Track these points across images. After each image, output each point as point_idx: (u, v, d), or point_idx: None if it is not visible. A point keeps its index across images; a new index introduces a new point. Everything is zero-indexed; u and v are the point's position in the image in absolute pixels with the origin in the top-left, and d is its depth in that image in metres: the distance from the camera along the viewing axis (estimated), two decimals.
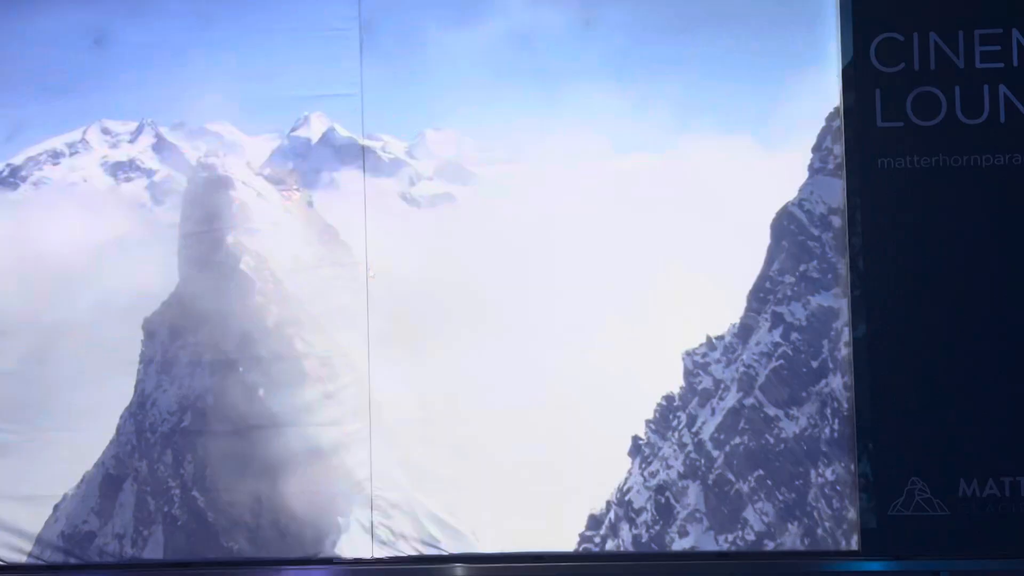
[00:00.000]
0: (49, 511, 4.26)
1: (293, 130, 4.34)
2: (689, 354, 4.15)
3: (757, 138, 4.09)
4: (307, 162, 4.33)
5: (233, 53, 4.28)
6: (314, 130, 4.34)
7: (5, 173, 4.40)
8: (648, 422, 4.15)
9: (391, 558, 4.12)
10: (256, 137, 4.35)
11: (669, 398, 4.16)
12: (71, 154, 4.42)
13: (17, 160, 4.41)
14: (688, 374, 4.16)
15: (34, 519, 4.24)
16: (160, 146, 4.41)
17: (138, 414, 4.35)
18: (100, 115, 4.38)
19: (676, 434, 4.14)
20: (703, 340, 4.16)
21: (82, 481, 4.32)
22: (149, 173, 4.41)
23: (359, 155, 4.29)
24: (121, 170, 4.42)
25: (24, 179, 4.41)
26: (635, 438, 4.14)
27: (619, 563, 4.05)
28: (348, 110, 4.25)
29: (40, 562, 4.21)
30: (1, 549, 4.22)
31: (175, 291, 4.39)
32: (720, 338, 4.15)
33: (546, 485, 4.09)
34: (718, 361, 4.15)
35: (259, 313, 4.33)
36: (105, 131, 4.42)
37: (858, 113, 4.01)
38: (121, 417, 4.34)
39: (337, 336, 4.27)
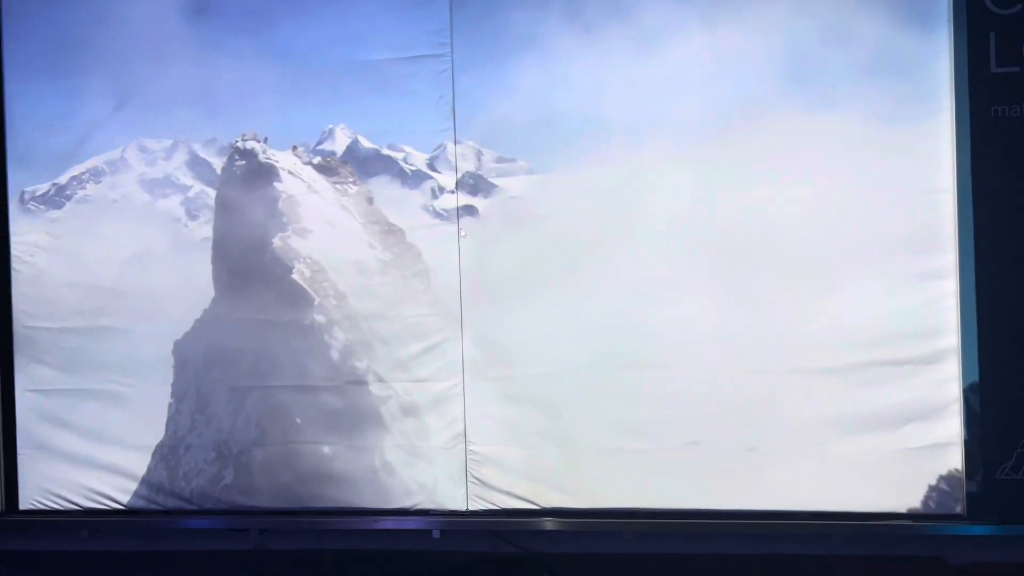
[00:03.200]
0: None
1: (319, 143, 4.26)
2: None
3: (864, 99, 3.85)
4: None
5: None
6: (339, 143, 4.24)
7: (51, 192, 4.47)
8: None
9: (484, 511, 4.19)
10: (283, 152, 4.28)
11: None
12: (111, 172, 4.42)
13: (62, 180, 4.46)
14: None
15: (151, 466, 4.42)
16: (193, 162, 4.36)
17: (170, 458, 4.35)
18: (202, 81, 4.35)
19: None
20: None
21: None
22: (184, 189, 4.37)
23: (384, 165, 4.19)
24: (157, 187, 4.39)
25: (69, 198, 4.45)
26: None
27: (711, 521, 4.03)
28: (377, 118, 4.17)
29: (156, 506, 4.43)
30: (121, 494, 4.45)
31: (209, 307, 4.22)
32: None
33: (637, 442, 4.06)
34: None
35: (319, 337, 4.17)
36: (143, 149, 4.40)
37: (970, 59, 3.79)
38: (152, 456, 4.36)
39: (418, 368, 4.16)
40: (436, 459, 4.22)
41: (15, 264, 4.51)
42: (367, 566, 4.28)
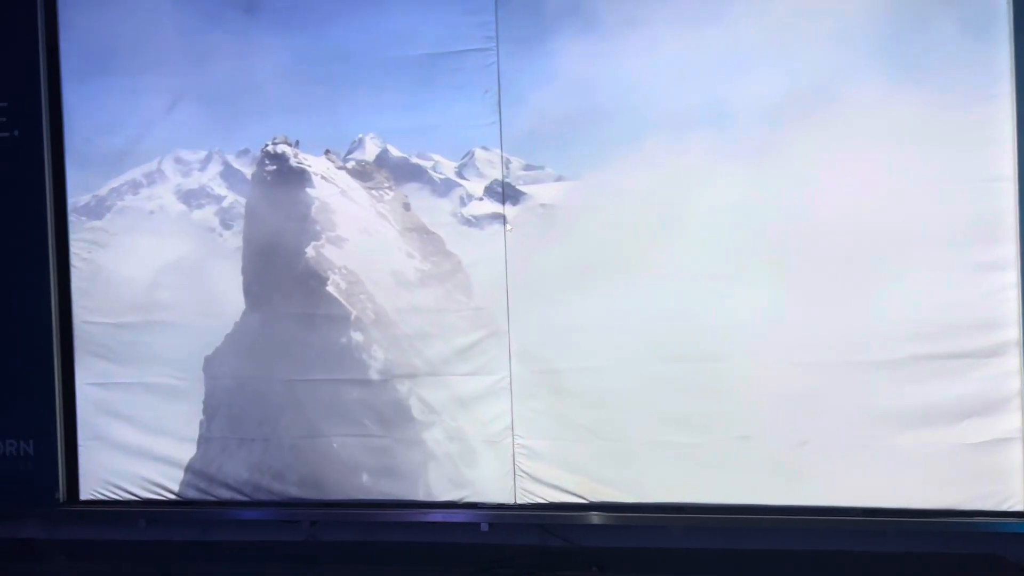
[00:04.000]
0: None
1: (349, 153, 4.23)
2: None
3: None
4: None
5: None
6: (368, 152, 4.21)
7: (92, 204, 4.53)
8: None
9: (532, 504, 4.19)
10: (317, 158, 4.25)
11: None
12: (148, 184, 4.46)
13: (102, 191, 4.51)
14: None
15: (204, 459, 4.50)
16: (227, 173, 4.37)
17: (201, 476, 4.42)
18: (247, 83, 4.36)
19: None
20: None
21: None
22: (218, 199, 4.38)
23: (413, 174, 4.16)
24: (193, 197, 4.42)
25: (109, 209, 4.50)
26: None
27: (760, 516, 3.97)
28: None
29: (211, 498, 4.50)
30: (176, 485, 4.53)
31: (240, 320, 4.17)
32: None
33: (686, 436, 4.02)
34: None
35: (357, 356, 4.10)
36: (178, 160, 4.43)
37: None
38: (185, 472, 4.41)
39: (464, 363, 4.12)
40: (484, 453, 4.22)
41: (74, 260, 4.61)
42: (416, 558, 4.30)
